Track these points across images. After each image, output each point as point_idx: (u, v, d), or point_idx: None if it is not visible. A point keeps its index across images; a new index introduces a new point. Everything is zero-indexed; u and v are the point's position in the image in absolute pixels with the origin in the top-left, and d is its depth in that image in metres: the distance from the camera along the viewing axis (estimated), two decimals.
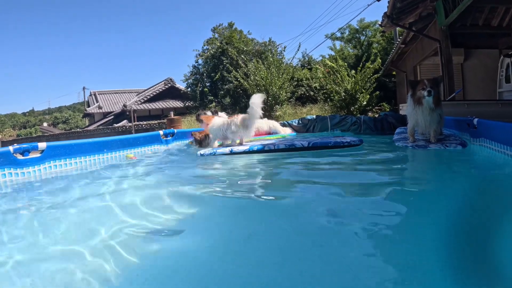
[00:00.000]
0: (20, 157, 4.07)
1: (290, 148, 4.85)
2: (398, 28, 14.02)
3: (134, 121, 20.31)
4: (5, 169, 3.88)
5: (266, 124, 7.34)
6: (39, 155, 4.29)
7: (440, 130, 4.59)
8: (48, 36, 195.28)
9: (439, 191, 2.63)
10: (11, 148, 4.00)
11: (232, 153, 4.85)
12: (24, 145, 4.17)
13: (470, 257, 1.50)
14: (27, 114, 78.29)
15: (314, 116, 8.47)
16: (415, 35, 11.79)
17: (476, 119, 4.18)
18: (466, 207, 2.20)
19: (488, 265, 1.43)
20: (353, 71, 14.64)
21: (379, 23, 11.21)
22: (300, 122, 8.37)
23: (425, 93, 4.09)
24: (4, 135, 38.50)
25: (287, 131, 7.50)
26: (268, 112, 15.48)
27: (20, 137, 35.35)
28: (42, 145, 4.34)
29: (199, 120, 6.04)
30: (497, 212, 2.03)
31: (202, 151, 4.96)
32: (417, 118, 4.29)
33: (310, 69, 20.18)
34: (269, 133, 7.21)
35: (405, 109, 9.71)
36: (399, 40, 13.90)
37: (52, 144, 4.49)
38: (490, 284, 1.32)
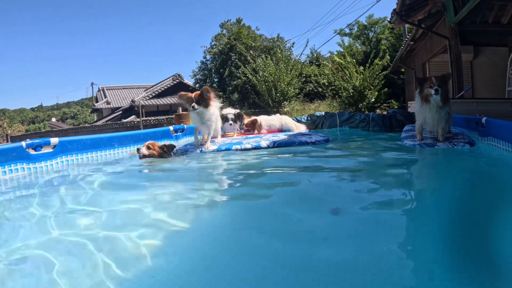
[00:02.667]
0: (32, 152, 4.13)
1: (255, 148, 4.88)
2: (407, 25, 14.00)
3: (142, 117, 20.45)
4: (18, 164, 3.93)
5: (278, 121, 7.13)
6: (51, 150, 4.33)
7: (449, 128, 4.59)
8: (56, 33, 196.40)
9: (443, 190, 2.67)
10: (23, 143, 4.06)
11: (202, 152, 4.87)
12: (37, 140, 4.21)
13: (470, 254, 1.54)
14: (35, 109, 79.01)
15: (323, 113, 8.51)
16: (424, 32, 11.78)
17: (484, 118, 4.21)
18: (468, 206, 2.23)
19: (488, 260, 1.47)
20: (361, 68, 14.61)
21: (388, 19, 11.24)
22: (308, 118, 8.40)
23: (433, 91, 4.09)
24: (13, 130, 38.72)
25: (301, 128, 7.22)
26: (276, 108, 15.55)
27: (29, 132, 35.70)
28: (54, 140, 4.39)
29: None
30: (500, 211, 2.06)
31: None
32: (425, 116, 4.28)
33: (319, 66, 20.18)
34: (281, 131, 7.00)
35: (413, 106, 9.71)
36: (408, 37, 13.87)
37: (64, 139, 4.55)
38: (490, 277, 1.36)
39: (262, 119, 7.10)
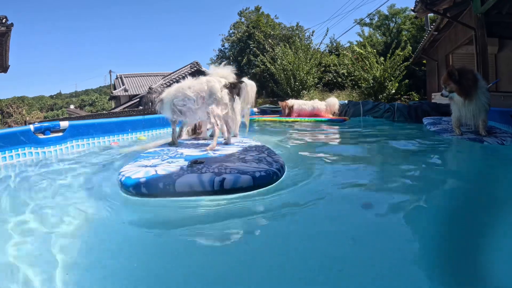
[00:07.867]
0: (41, 136, 3.99)
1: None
2: (430, 15, 13.78)
3: None
4: (26, 148, 3.75)
5: (311, 104, 8.00)
6: (61, 134, 4.20)
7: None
8: (75, 20, 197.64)
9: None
10: (31, 126, 3.90)
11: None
12: (45, 124, 4.09)
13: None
14: (54, 97, 79.86)
15: (346, 101, 8.52)
16: (448, 22, 11.56)
17: None
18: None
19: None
20: (382, 58, 14.48)
21: (411, 8, 11.04)
22: None
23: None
24: (32, 117, 39.46)
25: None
26: (295, 97, 15.55)
27: (47, 119, 36.27)
28: (64, 123, 4.24)
29: None
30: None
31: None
32: (460, 109, 4.04)
33: (338, 55, 20.04)
34: (312, 114, 7.89)
35: (437, 98, 9.59)
36: (431, 27, 13.65)
37: (74, 122, 4.39)
38: None
39: (295, 102, 8.07)
